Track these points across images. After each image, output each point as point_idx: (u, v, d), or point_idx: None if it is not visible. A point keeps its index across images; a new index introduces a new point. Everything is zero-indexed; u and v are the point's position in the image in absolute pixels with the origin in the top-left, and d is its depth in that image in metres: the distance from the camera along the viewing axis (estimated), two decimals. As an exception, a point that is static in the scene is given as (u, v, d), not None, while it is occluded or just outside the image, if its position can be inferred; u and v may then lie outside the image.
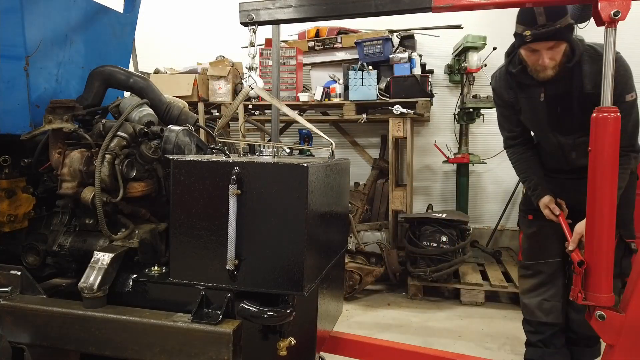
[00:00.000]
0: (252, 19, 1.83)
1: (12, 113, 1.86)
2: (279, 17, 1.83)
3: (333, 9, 1.77)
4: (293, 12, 1.81)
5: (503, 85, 2.35)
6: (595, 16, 1.57)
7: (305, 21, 2.08)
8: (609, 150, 1.60)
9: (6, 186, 1.83)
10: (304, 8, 1.80)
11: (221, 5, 5.54)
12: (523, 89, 2.26)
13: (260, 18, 1.83)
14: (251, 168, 1.47)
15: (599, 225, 1.64)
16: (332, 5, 1.77)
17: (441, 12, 1.67)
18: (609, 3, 1.52)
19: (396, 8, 1.74)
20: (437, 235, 3.95)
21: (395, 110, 4.10)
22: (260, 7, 1.83)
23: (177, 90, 4.42)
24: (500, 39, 4.45)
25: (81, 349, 1.59)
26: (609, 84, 1.59)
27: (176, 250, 1.56)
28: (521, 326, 2.60)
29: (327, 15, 1.81)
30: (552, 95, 2.17)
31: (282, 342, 1.54)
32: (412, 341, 3.06)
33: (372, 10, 1.74)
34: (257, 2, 1.84)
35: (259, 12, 1.82)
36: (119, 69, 2.07)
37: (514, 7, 1.65)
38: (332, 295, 2.12)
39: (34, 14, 1.90)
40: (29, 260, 1.86)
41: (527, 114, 2.32)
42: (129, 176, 1.78)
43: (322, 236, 1.68)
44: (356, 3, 1.75)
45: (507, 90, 2.33)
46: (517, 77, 2.23)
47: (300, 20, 1.93)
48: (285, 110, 1.93)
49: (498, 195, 5.08)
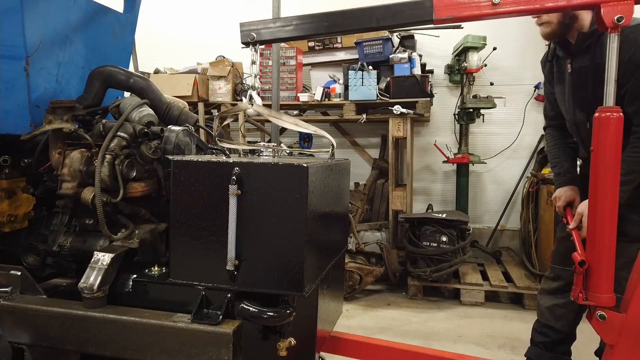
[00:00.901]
0: (254, 38, 1.82)
1: (12, 113, 1.86)
2: (280, 36, 1.83)
3: (334, 25, 1.76)
4: (294, 30, 1.80)
5: (543, 60, 2.39)
6: (598, 21, 1.57)
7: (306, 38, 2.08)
8: (611, 151, 1.59)
9: (6, 186, 1.83)
10: (305, 26, 1.79)
11: (221, 5, 5.55)
12: (557, 62, 2.27)
13: (262, 37, 1.81)
14: (251, 168, 1.47)
15: (600, 225, 1.64)
16: (333, 21, 1.76)
17: (443, 24, 1.66)
18: (612, 8, 1.51)
19: (398, 22, 1.73)
20: (437, 235, 3.95)
21: (395, 110, 4.11)
22: (262, 26, 1.81)
23: (177, 90, 4.42)
24: (500, 39, 4.48)
25: (81, 349, 1.59)
26: (612, 89, 1.58)
27: (176, 250, 1.55)
28: (521, 326, 2.60)
29: (329, 32, 1.80)
30: (577, 67, 2.15)
31: (282, 343, 1.54)
32: (412, 341, 3.06)
33: (374, 25, 1.74)
34: (258, 21, 1.82)
35: (260, 32, 1.81)
36: (119, 69, 2.06)
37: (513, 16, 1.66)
38: (332, 295, 2.12)
39: (34, 14, 1.90)
40: (29, 260, 1.86)
41: (558, 88, 2.31)
42: (129, 176, 1.78)
43: (322, 236, 1.68)
44: (357, 18, 1.74)
45: (546, 64, 2.36)
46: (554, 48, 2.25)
47: (302, 37, 1.93)
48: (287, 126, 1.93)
49: (498, 195, 5.08)
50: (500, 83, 4.78)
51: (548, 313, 2.43)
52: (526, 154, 4.95)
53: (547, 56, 2.37)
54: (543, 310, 2.45)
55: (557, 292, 2.41)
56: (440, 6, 1.63)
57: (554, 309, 2.41)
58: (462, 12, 1.62)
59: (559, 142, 2.45)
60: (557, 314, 2.40)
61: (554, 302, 2.41)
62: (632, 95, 1.95)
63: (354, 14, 1.76)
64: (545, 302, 2.45)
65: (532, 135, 4.93)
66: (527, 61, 4.85)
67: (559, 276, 2.41)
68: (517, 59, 4.88)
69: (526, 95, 4.90)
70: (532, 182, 4.49)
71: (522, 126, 4.89)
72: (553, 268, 2.46)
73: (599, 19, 1.56)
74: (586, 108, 2.13)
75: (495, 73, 4.78)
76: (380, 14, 1.71)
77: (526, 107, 4.91)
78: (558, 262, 2.43)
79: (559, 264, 2.42)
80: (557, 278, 2.42)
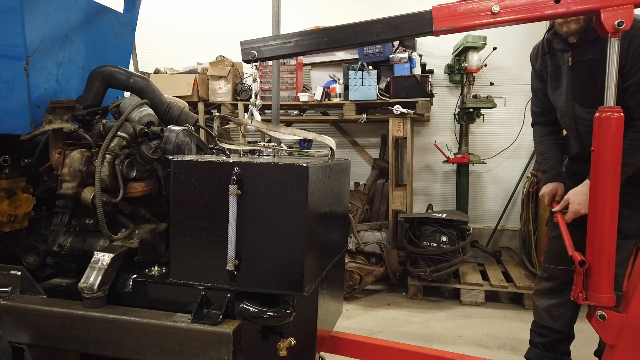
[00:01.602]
0: (255, 56, 1.83)
1: (12, 113, 1.86)
2: (281, 53, 1.84)
3: (335, 40, 1.77)
4: (295, 47, 1.80)
5: (534, 54, 2.38)
6: (599, 26, 1.57)
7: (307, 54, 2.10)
8: (611, 151, 1.59)
9: (6, 186, 1.82)
10: (305, 42, 1.79)
11: (221, 5, 5.54)
12: (553, 55, 2.24)
13: (263, 55, 1.83)
14: (251, 168, 1.46)
15: (601, 225, 1.64)
16: (333, 37, 1.77)
17: (443, 34, 1.67)
18: (612, 13, 1.51)
19: (398, 34, 1.74)
20: (437, 235, 3.95)
21: (395, 110, 4.11)
22: (262, 44, 1.82)
23: (177, 90, 4.42)
24: (500, 39, 4.48)
25: (81, 349, 1.59)
26: (612, 93, 1.58)
27: (176, 250, 1.55)
28: (521, 326, 2.60)
29: (329, 47, 1.81)
30: (580, 60, 2.12)
31: (282, 343, 1.54)
32: (412, 341, 3.06)
33: (374, 39, 1.75)
34: (259, 39, 1.83)
35: (261, 49, 1.82)
36: (119, 69, 2.06)
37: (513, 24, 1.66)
38: (332, 295, 2.12)
39: (34, 14, 1.90)
40: (29, 260, 1.86)
41: (552, 82, 2.29)
42: (129, 176, 1.78)
43: (322, 236, 1.68)
44: (357, 32, 1.74)
45: (538, 58, 2.34)
46: (550, 41, 2.23)
47: (303, 53, 1.94)
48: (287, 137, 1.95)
49: (498, 195, 5.08)
50: (500, 83, 4.78)
51: (545, 314, 2.42)
52: (526, 154, 4.95)
53: (540, 50, 2.33)
54: (540, 312, 2.45)
55: (552, 292, 2.40)
56: (440, 17, 1.63)
57: (551, 309, 2.40)
58: (462, 22, 1.63)
59: (546, 138, 2.44)
60: (554, 314, 2.39)
61: (549, 303, 2.41)
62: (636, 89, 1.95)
63: (354, 28, 1.77)
64: (541, 303, 2.44)
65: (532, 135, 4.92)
66: (527, 61, 4.79)
67: (553, 275, 2.40)
68: (517, 59, 4.87)
69: (526, 95, 4.88)
70: (532, 182, 4.49)
71: (522, 126, 4.89)
72: (546, 268, 2.46)
73: (599, 24, 1.55)
74: (588, 102, 2.11)
75: (495, 73, 4.78)
76: (380, 27, 1.72)
77: (526, 107, 4.90)
78: (551, 262, 2.43)
79: (552, 264, 2.41)
80: (551, 278, 2.41)
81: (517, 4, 1.59)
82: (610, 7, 1.52)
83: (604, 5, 1.52)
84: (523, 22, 1.64)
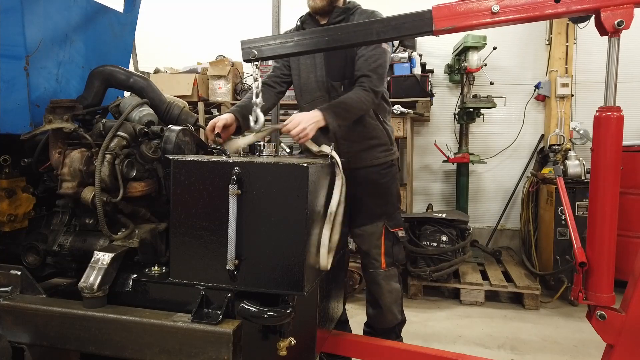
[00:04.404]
0: (255, 55, 1.82)
1: (12, 113, 1.86)
2: (281, 52, 1.83)
3: (335, 40, 1.76)
4: (295, 46, 1.80)
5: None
6: (598, 26, 1.56)
7: (308, 53, 2.10)
8: (611, 150, 1.59)
9: (6, 186, 1.82)
10: (305, 42, 1.79)
11: (221, 5, 5.54)
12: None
13: (264, 54, 1.82)
14: (251, 168, 1.47)
15: (600, 225, 1.64)
16: (333, 36, 1.76)
17: (443, 34, 1.67)
18: (612, 13, 1.51)
19: (398, 34, 1.74)
20: (437, 235, 3.95)
21: (395, 110, 4.10)
22: (263, 43, 1.82)
23: (177, 90, 4.42)
24: (500, 38, 4.48)
25: (81, 348, 1.59)
26: (612, 92, 1.59)
27: (176, 250, 1.56)
28: (521, 326, 2.60)
29: (329, 47, 1.81)
30: None
31: (282, 342, 1.54)
32: (412, 341, 3.05)
33: (374, 38, 1.75)
34: (259, 38, 1.82)
35: (261, 49, 1.82)
36: (119, 68, 2.06)
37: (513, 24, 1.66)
38: (332, 295, 2.12)
39: (34, 13, 1.89)
40: (29, 260, 1.86)
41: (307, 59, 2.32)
42: (129, 176, 1.78)
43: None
44: (357, 32, 1.74)
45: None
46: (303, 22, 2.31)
47: (304, 53, 1.94)
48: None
49: (498, 195, 5.08)
50: (500, 83, 4.79)
51: None
52: (526, 153, 4.95)
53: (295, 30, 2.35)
54: None
55: None
56: (440, 17, 1.63)
57: None
58: (462, 22, 1.63)
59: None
60: None
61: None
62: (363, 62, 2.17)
63: (354, 28, 1.77)
64: None
65: (532, 134, 4.93)
66: (527, 61, 4.85)
67: None
68: (517, 59, 4.88)
69: (526, 95, 4.91)
70: (532, 181, 4.49)
71: (522, 126, 4.90)
72: None
73: (599, 24, 1.55)
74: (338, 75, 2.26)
75: (495, 73, 4.79)
76: (380, 27, 1.72)
77: (526, 107, 4.91)
78: None
79: None
80: None
81: (517, 4, 1.59)
82: (610, 6, 1.52)
83: (604, 4, 1.52)
84: (523, 21, 1.64)
